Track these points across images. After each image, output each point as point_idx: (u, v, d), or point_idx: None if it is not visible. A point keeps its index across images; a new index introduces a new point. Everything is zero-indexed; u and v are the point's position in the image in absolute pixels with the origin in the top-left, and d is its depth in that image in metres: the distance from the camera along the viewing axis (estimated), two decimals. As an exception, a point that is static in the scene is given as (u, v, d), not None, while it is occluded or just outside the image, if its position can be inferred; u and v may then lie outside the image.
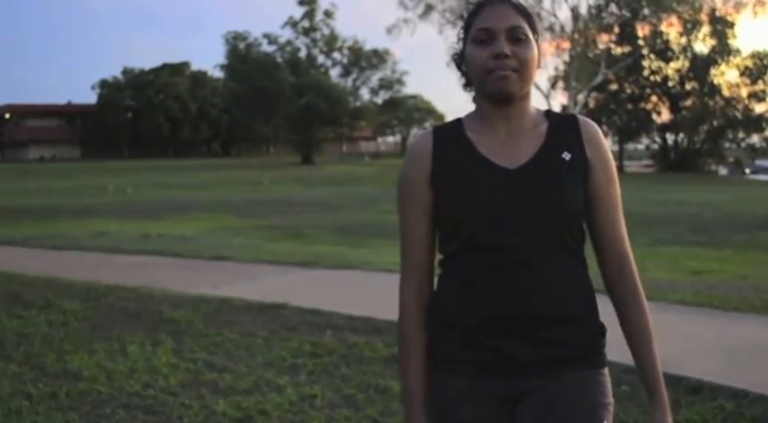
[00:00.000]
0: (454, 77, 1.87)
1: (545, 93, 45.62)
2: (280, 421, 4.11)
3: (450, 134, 1.83)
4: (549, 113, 1.86)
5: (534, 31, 1.79)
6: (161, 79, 73.93)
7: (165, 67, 76.11)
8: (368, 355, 5.17)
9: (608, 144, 1.86)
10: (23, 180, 39.09)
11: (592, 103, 49.61)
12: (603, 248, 1.84)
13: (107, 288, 7.56)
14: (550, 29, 42.92)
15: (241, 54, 62.46)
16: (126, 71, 77.15)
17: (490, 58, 1.73)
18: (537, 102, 1.89)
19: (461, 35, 1.82)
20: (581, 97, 44.14)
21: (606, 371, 1.81)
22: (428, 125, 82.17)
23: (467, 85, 1.85)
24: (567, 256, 1.77)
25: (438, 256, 1.87)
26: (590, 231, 1.84)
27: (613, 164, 1.84)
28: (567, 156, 1.77)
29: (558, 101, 49.01)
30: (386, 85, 66.64)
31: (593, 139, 1.81)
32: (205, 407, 4.31)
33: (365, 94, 66.49)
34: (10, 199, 25.56)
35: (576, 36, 42.84)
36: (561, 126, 1.82)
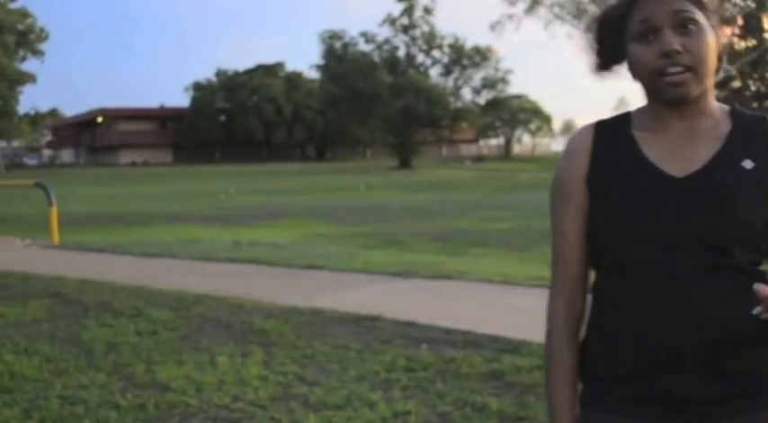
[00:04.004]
0: (562, 76, 1.71)
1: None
2: (372, 439, 4.14)
3: (615, 130, 1.69)
4: (734, 113, 1.67)
5: (704, 8, 1.59)
6: (255, 81, 75.54)
7: (259, 68, 77.78)
8: (465, 370, 5.16)
9: None
10: (115, 185, 40.49)
11: (713, 102, 48.31)
12: None
13: (197, 297, 7.76)
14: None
15: (337, 54, 63.33)
16: (219, 73, 79.10)
17: (658, 58, 1.55)
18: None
19: (614, 23, 1.64)
20: (701, 95, 42.98)
21: None
22: (533, 126, 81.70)
23: (599, 65, 1.70)
24: (742, 275, 1.58)
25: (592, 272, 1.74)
26: None
27: None
28: (748, 164, 1.59)
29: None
30: (489, 84, 66.54)
31: None
32: (295, 421, 4.38)
33: (467, 94, 66.57)
34: (101, 205, 26.53)
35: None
36: (747, 129, 1.63)
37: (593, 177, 1.66)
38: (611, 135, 1.69)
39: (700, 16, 1.58)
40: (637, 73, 1.62)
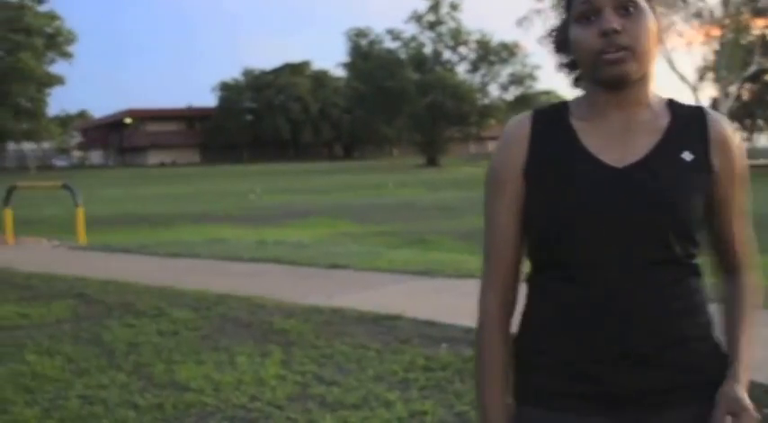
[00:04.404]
0: None
1: (693, 84, 44.25)
2: (387, 438, 4.15)
3: (552, 120, 1.67)
4: (672, 104, 1.68)
5: None
6: (281, 80, 75.79)
7: (285, 67, 78.04)
8: (484, 370, 5.14)
9: (742, 143, 1.70)
10: (142, 186, 40.81)
11: (746, 95, 47.82)
12: (723, 255, 1.72)
13: (219, 297, 7.82)
14: (698, 14, 41.63)
15: (363, 51, 63.40)
16: (246, 72, 79.41)
17: (598, 37, 1.55)
18: (684, 95, 1.76)
19: (563, 13, 1.66)
20: (733, 89, 42.63)
21: None
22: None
23: (566, 67, 1.70)
24: (680, 268, 1.62)
25: (527, 265, 1.72)
26: (710, 238, 1.70)
27: (746, 169, 1.68)
28: (688, 156, 1.61)
29: (708, 93, 47.36)
30: (516, 80, 66.25)
31: (723, 141, 1.65)
32: (311, 421, 4.40)
33: (494, 90, 66.28)
34: (128, 206, 26.74)
35: (727, 22, 41.36)
36: (685, 120, 1.65)
37: (531, 168, 1.64)
38: (549, 125, 1.67)
39: (641, 0, 1.58)
40: (578, 54, 1.61)
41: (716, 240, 1.71)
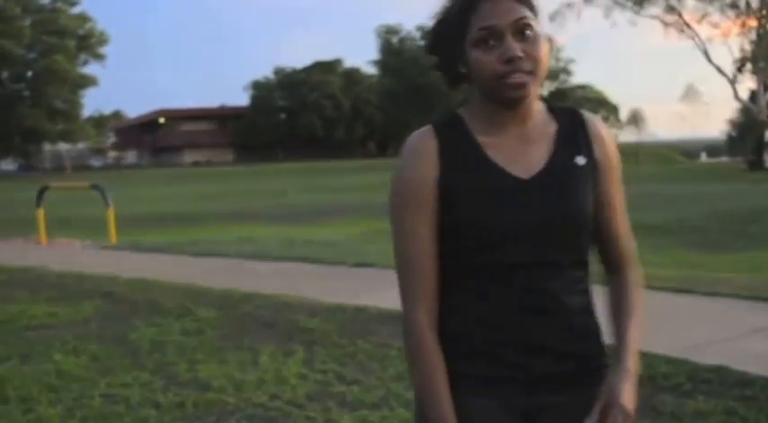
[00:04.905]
0: (630, 65, 1.74)
1: (731, 77, 43.77)
2: (405, 437, 4.16)
3: (456, 134, 1.76)
4: (552, 109, 1.81)
5: (537, 16, 1.70)
6: (313, 78, 75.87)
7: (316, 65, 78.11)
8: (506, 368, 5.13)
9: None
10: (175, 185, 41.14)
11: (785, 88, 47.10)
12: (610, 252, 1.86)
13: (244, 296, 7.87)
14: (733, 5, 41.16)
15: (394, 48, 63.46)
16: (278, 71, 79.65)
17: (501, 63, 1.64)
18: (722, 87, 1.78)
19: (451, 30, 1.73)
20: (771, 81, 42.06)
21: None
22: (600, 117, 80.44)
23: (452, 79, 1.79)
24: (582, 268, 1.78)
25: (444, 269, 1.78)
26: (597, 236, 1.84)
27: (620, 162, 1.83)
28: (580, 161, 1.76)
29: (746, 85, 46.59)
30: (551, 75, 65.90)
31: (601, 138, 1.80)
32: (329, 420, 4.42)
33: (528, 85, 66.09)
34: (161, 205, 26.98)
35: (765, 12, 40.82)
36: (570, 126, 1.79)
37: (444, 183, 1.72)
38: (455, 141, 1.75)
39: (535, 23, 1.68)
40: (478, 77, 1.70)
41: (603, 237, 1.85)
